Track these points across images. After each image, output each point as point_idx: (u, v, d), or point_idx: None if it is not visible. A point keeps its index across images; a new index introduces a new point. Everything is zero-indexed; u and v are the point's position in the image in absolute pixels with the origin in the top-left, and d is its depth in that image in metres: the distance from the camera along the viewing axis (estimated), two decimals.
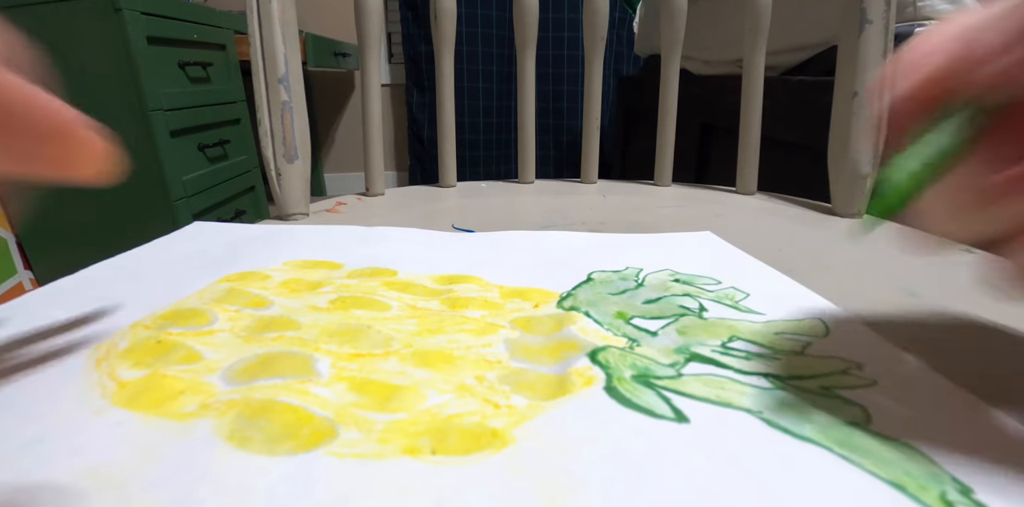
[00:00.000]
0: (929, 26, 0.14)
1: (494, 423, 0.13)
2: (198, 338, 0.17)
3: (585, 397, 0.15)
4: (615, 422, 0.13)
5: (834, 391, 0.15)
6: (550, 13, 1.85)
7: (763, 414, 0.14)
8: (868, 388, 0.15)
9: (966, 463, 0.12)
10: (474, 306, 0.21)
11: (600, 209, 0.41)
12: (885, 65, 0.13)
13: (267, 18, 0.35)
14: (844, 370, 0.16)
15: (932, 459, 0.12)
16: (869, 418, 0.14)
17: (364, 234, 0.31)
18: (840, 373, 0.16)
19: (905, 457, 0.12)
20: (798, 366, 0.16)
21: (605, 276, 0.24)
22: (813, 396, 0.15)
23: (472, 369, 0.16)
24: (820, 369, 0.16)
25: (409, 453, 0.12)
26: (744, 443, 0.13)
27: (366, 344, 0.18)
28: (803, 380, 0.15)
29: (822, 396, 0.15)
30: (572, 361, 0.16)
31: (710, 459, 0.12)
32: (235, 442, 0.12)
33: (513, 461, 0.12)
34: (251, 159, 1.44)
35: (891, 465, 0.12)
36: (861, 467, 0.12)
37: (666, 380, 0.15)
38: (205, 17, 1.22)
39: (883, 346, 0.17)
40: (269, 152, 0.37)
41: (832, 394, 0.15)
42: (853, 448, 0.12)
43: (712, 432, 0.13)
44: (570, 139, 2.02)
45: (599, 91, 0.49)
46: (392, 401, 0.14)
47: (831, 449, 0.12)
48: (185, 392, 0.14)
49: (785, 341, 0.18)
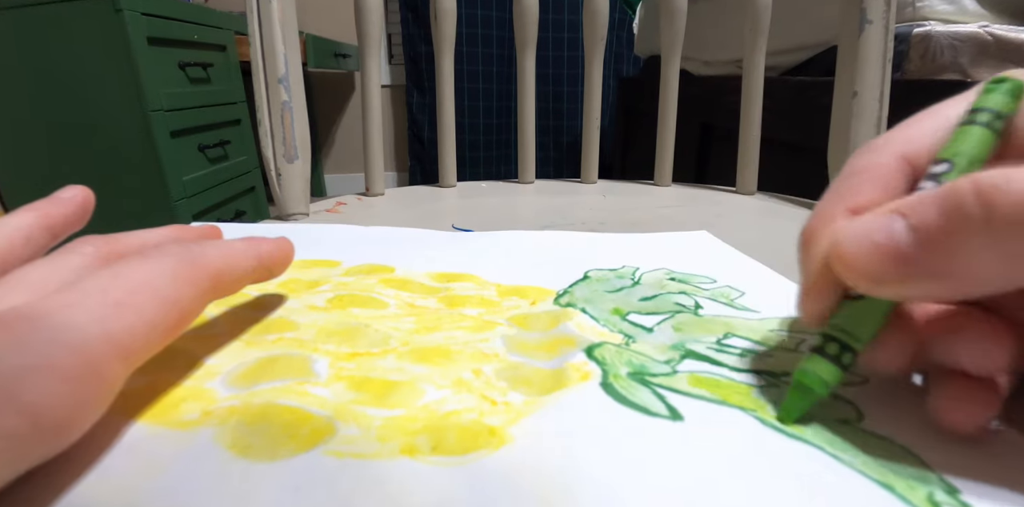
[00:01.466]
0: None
1: (491, 420, 0.13)
2: (198, 342, 0.17)
3: (581, 392, 0.15)
4: (611, 420, 0.13)
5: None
6: (550, 14, 1.85)
7: (756, 412, 0.14)
8: (860, 386, 0.15)
9: (954, 463, 0.12)
10: (471, 304, 0.21)
11: (600, 209, 0.41)
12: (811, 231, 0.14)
13: (267, 18, 0.35)
14: None
15: (921, 459, 0.12)
16: (861, 416, 0.14)
17: (361, 233, 0.31)
18: None
19: (894, 456, 0.12)
20: (792, 363, 0.16)
21: (601, 274, 0.24)
22: None
23: (469, 363, 0.16)
24: None
25: (407, 453, 0.12)
26: (735, 441, 0.13)
27: (364, 343, 0.18)
28: None
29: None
30: (568, 356, 0.17)
31: (702, 458, 0.12)
32: (237, 450, 0.12)
33: (510, 460, 0.12)
34: (251, 160, 1.44)
35: (880, 464, 0.12)
36: (851, 466, 0.12)
37: (661, 377, 0.15)
38: (205, 18, 1.23)
39: None
40: (269, 152, 0.37)
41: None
42: (843, 447, 0.12)
43: (705, 430, 0.13)
44: (570, 139, 2.02)
45: (599, 92, 0.49)
46: (390, 397, 0.15)
47: (822, 448, 0.12)
48: (187, 399, 0.14)
49: (779, 338, 0.18)
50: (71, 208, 0.18)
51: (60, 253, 0.16)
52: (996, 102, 0.13)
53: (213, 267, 0.15)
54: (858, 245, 0.12)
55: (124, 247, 0.16)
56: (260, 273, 0.17)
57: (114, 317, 0.12)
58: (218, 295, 0.15)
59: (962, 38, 0.62)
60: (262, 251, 0.17)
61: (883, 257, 0.11)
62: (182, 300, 0.13)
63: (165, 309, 0.13)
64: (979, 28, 0.62)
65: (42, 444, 0.10)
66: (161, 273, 0.13)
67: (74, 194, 0.18)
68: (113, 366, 0.11)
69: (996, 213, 0.10)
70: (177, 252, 0.14)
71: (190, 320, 0.14)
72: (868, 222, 0.12)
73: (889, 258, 0.11)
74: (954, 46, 0.62)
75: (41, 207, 0.17)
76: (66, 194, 0.18)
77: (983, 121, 0.13)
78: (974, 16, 0.68)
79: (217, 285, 0.15)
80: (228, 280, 0.16)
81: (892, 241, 0.11)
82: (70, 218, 0.18)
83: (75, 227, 0.18)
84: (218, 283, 0.15)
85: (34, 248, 0.17)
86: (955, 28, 0.63)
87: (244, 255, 0.16)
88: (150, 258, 0.14)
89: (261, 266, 0.17)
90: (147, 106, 1.01)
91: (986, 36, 0.61)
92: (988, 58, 0.62)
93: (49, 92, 1.02)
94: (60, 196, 0.18)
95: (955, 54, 0.62)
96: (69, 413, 0.10)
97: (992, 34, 0.61)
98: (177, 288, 0.13)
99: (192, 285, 0.14)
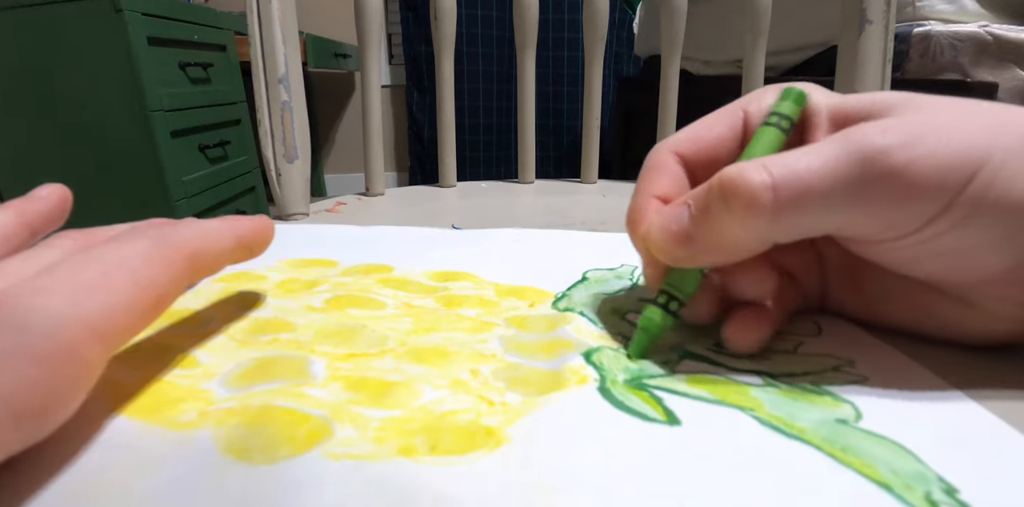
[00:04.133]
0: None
1: (488, 421, 0.13)
2: (194, 341, 0.17)
3: (579, 395, 0.15)
4: (608, 423, 0.13)
5: (825, 388, 0.15)
6: (550, 14, 1.85)
7: (754, 411, 0.14)
8: (859, 385, 0.15)
9: (953, 462, 0.12)
10: (469, 304, 0.21)
11: (600, 209, 0.41)
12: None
13: (267, 18, 0.35)
14: (836, 367, 0.16)
15: (919, 457, 0.12)
16: (859, 415, 0.14)
17: (360, 232, 0.31)
18: (832, 370, 0.16)
19: (893, 455, 0.12)
20: (790, 363, 0.16)
21: (600, 275, 0.24)
22: (804, 393, 0.15)
23: (466, 363, 0.16)
24: (812, 366, 0.16)
25: (405, 454, 0.12)
26: (733, 443, 0.13)
27: (361, 344, 0.17)
28: (795, 377, 0.16)
29: (813, 393, 0.15)
30: (566, 358, 0.17)
31: (700, 461, 0.12)
32: (234, 454, 0.12)
33: (507, 461, 0.12)
34: (251, 160, 1.44)
35: (878, 464, 0.12)
36: (849, 466, 0.12)
37: (659, 379, 0.15)
38: (206, 18, 1.23)
39: (874, 344, 0.17)
40: (269, 152, 0.37)
41: (823, 390, 0.15)
42: (842, 446, 0.12)
43: (703, 432, 0.13)
44: (570, 139, 2.02)
45: (599, 91, 0.49)
46: (387, 397, 0.14)
47: (820, 447, 0.12)
48: (185, 400, 0.14)
49: (778, 340, 0.18)
50: (48, 205, 0.18)
51: (38, 248, 0.16)
52: (786, 108, 0.17)
53: (189, 247, 0.14)
54: (660, 232, 0.16)
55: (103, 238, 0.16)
56: (240, 252, 0.17)
57: (88, 299, 0.11)
58: (197, 275, 0.15)
59: (962, 38, 0.62)
60: (241, 230, 0.17)
61: (676, 241, 0.15)
62: (158, 280, 0.13)
63: (140, 289, 0.13)
64: (979, 28, 0.62)
65: (17, 432, 0.10)
66: (134, 254, 0.13)
67: (51, 192, 0.18)
68: (91, 348, 0.11)
69: (732, 196, 0.14)
70: (151, 234, 0.14)
71: (169, 301, 0.14)
72: (667, 213, 0.16)
73: (679, 241, 0.15)
74: (954, 46, 0.62)
75: (18, 205, 0.17)
76: (42, 192, 0.18)
77: (774, 122, 0.17)
78: (974, 16, 0.68)
79: (195, 264, 0.15)
80: (206, 259, 0.15)
81: (681, 227, 0.15)
82: (47, 215, 0.18)
83: (54, 224, 0.18)
84: (195, 262, 0.15)
85: (12, 245, 0.17)
86: (955, 28, 0.63)
87: (221, 234, 0.16)
88: (123, 240, 0.13)
89: (240, 245, 0.17)
90: (147, 106, 1.01)
91: (986, 36, 0.61)
92: (988, 58, 0.62)
93: (49, 92, 1.02)
94: (37, 194, 0.18)
95: (955, 54, 0.62)
96: (46, 398, 0.10)
97: (992, 34, 0.61)
98: (152, 268, 0.13)
99: (168, 265, 0.14)
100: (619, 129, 1.35)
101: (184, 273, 0.14)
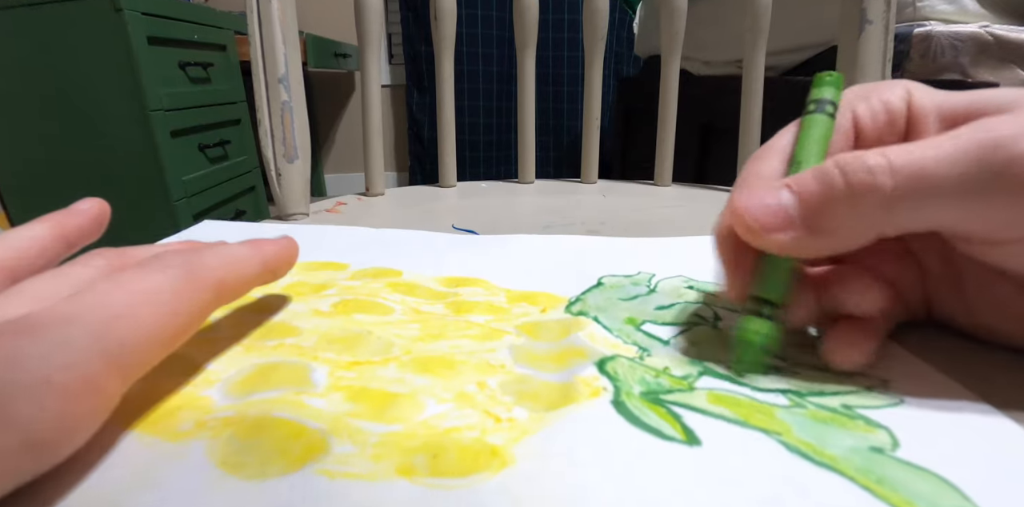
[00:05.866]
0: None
1: (494, 439, 0.13)
2: (198, 346, 0.17)
3: (590, 410, 0.14)
4: (622, 442, 0.13)
5: (857, 411, 0.14)
6: (550, 14, 1.85)
7: (781, 435, 0.13)
8: (894, 408, 0.14)
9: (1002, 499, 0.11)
10: (479, 310, 0.20)
11: (600, 209, 0.41)
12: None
13: (267, 18, 0.35)
14: (868, 387, 0.15)
15: (965, 494, 0.11)
16: (896, 443, 0.13)
17: (370, 235, 0.31)
18: (864, 390, 0.15)
19: (935, 491, 0.11)
20: (819, 382, 0.15)
21: (616, 281, 0.23)
22: (835, 416, 0.14)
23: (474, 374, 0.16)
24: (842, 386, 0.15)
25: (403, 474, 0.12)
26: (758, 469, 0.12)
27: (365, 351, 0.17)
28: (824, 397, 0.14)
29: (844, 416, 0.14)
30: (579, 369, 0.16)
31: (724, 487, 0.11)
32: (227, 467, 0.12)
33: (510, 485, 0.11)
34: (251, 159, 1.44)
35: (919, 500, 0.11)
36: (887, 501, 0.11)
37: (677, 394, 0.15)
38: (206, 17, 1.22)
39: (911, 361, 0.16)
40: (269, 152, 0.37)
41: (855, 414, 0.14)
42: (877, 478, 0.11)
43: (725, 456, 0.12)
44: (570, 139, 2.02)
45: (599, 91, 0.49)
46: (388, 410, 0.14)
47: (853, 479, 0.11)
48: (183, 408, 0.14)
49: (805, 355, 0.17)
50: (86, 220, 0.18)
51: (71, 265, 0.16)
52: (829, 93, 0.17)
53: (215, 276, 0.15)
54: (750, 204, 0.15)
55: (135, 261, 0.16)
56: (264, 276, 0.17)
57: (112, 332, 0.12)
58: (222, 302, 0.15)
59: (963, 38, 0.62)
60: (266, 254, 0.17)
61: (771, 213, 0.15)
62: (183, 311, 0.13)
63: (165, 321, 0.13)
64: (979, 28, 0.62)
65: (32, 461, 0.10)
66: (161, 285, 0.13)
67: (90, 206, 0.19)
68: (110, 381, 0.11)
69: (851, 180, 0.13)
70: (179, 263, 0.14)
71: (192, 330, 0.14)
72: (759, 191, 0.15)
73: (775, 214, 0.15)
74: (955, 46, 0.62)
75: (56, 218, 0.18)
76: (83, 206, 0.18)
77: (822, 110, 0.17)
78: (975, 16, 0.68)
79: (220, 293, 0.15)
80: (232, 287, 0.15)
81: (779, 203, 0.15)
82: (85, 229, 0.18)
83: (90, 238, 0.18)
84: (221, 291, 0.15)
85: (48, 259, 0.17)
86: (955, 28, 0.63)
87: (248, 261, 0.16)
88: (151, 269, 0.13)
89: (266, 270, 0.17)
90: (147, 106, 1.01)
91: (986, 36, 0.61)
92: (988, 58, 0.62)
93: (49, 92, 1.02)
94: (77, 207, 0.18)
95: (956, 54, 0.62)
96: (62, 430, 0.10)
97: (992, 34, 0.61)
98: (178, 299, 0.13)
99: (194, 295, 0.14)
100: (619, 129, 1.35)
101: (209, 305, 0.14)
